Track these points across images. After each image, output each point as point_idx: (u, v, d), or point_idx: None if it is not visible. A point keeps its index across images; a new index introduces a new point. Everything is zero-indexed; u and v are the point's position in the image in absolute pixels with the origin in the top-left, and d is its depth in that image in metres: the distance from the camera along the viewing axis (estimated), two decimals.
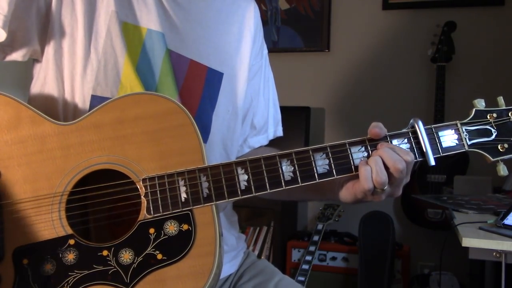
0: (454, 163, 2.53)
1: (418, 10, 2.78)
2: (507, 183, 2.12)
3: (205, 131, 0.96)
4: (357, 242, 2.55)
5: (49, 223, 0.76)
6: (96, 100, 0.86)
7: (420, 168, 2.57)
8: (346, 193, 0.84)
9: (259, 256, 2.74)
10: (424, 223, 2.61)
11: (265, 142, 1.15)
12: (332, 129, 2.93)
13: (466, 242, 1.29)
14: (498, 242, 1.28)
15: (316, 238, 2.46)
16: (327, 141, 2.83)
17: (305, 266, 2.36)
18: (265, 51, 1.14)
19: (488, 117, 0.82)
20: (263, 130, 1.13)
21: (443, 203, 1.81)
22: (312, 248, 2.42)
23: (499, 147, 0.82)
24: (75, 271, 0.75)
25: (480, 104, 0.83)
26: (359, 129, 0.83)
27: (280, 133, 1.18)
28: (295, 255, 2.63)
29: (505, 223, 1.36)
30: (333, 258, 2.59)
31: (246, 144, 1.11)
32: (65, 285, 0.74)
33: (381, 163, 0.77)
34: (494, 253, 1.32)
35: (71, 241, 0.76)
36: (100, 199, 0.79)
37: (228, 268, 1.04)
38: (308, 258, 2.38)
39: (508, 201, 1.80)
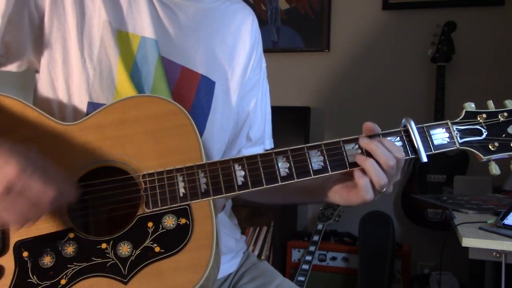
0: (454, 163, 2.53)
1: (418, 10, 2.78)
2: (507, 183, 2.12)
3: None
4: (357, 242, 2.55)
5: (50, 217, 0.78)
6: (92, 107, 0.88)
7: (420, 168, 2.57)
8: (340, 199, 0.86)
9: (259, 256, 2.74)
10: (424, 223, 2.61)
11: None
12: (332, 129, 2.93)
13: (466, 242, 1.29)
14: (498, 242, 1.28)
15: (316, 238, 2.45)
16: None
17: (305, 266, 2.36)
18: (264, 64, 1.14)
19: (478, 118, 0.85)
20: (259, 142, 1.12)
21: (443, 203, 1.81)
22: (312, 248, 2.42)
23: (489, 146, 0.84)
24: (74, 263, 0.76)
25: (470, 106, 0.87)
26: (359, 129, 0.84)
27: (272, 145, 1.17)
28: (295, 255, 2.63)
29: (505, 223, 1.36)
30: (333, 258, 2.59)
31: (240, 154, 1.09)
32: (63, 277, 0.76)
33: (378, 167, 0.78)
34: (494, 253, 1.33)
35: (71, 235, 0.78)
36: (100, 195, 0.80)
37: (228, 268, 1.05)
38: (308, 258, 2.38)
39: (508, 201, 1.80)
